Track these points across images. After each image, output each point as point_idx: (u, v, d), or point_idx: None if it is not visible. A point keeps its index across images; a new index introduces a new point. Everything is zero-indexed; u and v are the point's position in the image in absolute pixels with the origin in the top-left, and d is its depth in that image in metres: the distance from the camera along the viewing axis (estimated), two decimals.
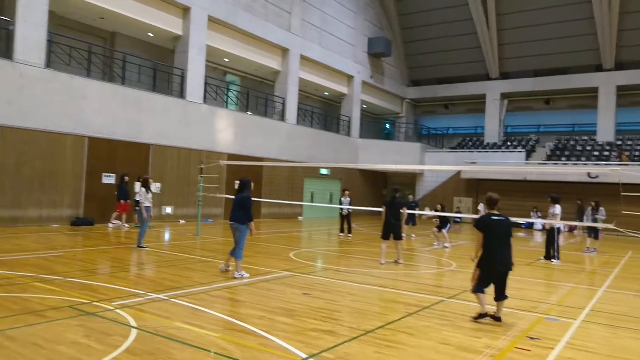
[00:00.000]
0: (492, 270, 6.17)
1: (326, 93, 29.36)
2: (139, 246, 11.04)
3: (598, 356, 5.08)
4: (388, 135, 36.15)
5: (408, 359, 4.70)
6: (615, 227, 9.19)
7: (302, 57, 24.87)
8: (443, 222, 14.78)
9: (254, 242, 14.13)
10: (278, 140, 23.11)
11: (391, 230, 10.77)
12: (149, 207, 11.17)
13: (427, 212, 17.25)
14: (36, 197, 14.44)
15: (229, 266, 8.80)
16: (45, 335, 4.80)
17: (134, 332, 5.01)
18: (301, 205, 24.23)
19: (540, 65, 30.74)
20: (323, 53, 26.33)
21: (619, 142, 28.21)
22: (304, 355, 4.62)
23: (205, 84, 20.07)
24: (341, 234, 16.83)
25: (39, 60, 14.46)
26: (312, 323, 5.73)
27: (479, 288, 6.23)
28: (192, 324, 5.41)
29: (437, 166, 29.50)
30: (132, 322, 5.34)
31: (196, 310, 6.07)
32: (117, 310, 5.78)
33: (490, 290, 6.24)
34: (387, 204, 10.90)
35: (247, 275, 8.35)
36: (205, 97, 20.03)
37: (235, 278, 8.17)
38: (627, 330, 6.23)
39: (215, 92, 21.33)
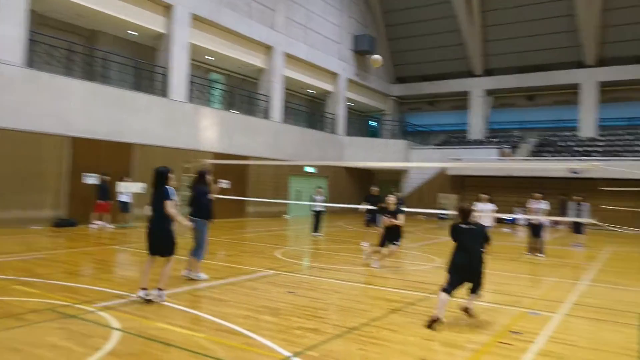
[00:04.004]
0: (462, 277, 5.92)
1: (311, 91, 29.32)
2: None
3: (579, 349, 5.16)
4: (374, 133, 36.24)
5: (392, 356, 4.72)
6: (596, 222, 9.32)
7: (287, 55, 24.80)
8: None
9: (240, 241, 14.09)
10: (263, 139, 23.03)
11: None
12: None
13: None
14: (17, 198, 14.20)
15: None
16: (25, 338, 4.73)
17: (116, 334, 4.96)
18: (287, 204, 24.17)
19: (524, 62, 31.05)
20: (308, 51, 26.28)
21: (601, 137, 28.65)
22: (288, 354, 4.61)
23: (190, 82, 19.91)
24: (314, 233, 15.73)
25: (19, 59, 14.22)
26: (297, 321, 5.72)
27: (448, 287, 5.81)
28: (176, 325, 5.37)
29: (422, 164, 29.67)
30: (115, 324, 5.28)
31: (180, 310, 6.03)
32: (99, 312, 5.71)
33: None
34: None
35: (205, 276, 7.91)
36: (189, 96, 19.88)
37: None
38: (608, 323, 6.33)
39: (199, 90, 21.17)
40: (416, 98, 35.84)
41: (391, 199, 10.09)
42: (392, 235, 9.94)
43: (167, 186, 6.35)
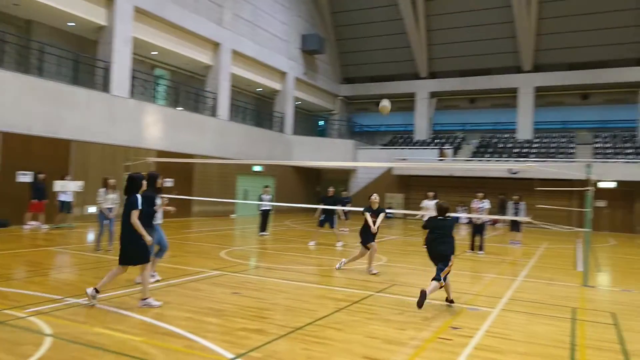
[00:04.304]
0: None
1: (259, 89, 29.09)
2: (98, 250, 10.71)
3: (515, 342, 5.38)
4: (322, 132, 36.42)
5: (336, 354, 4.74)
6: (531, 220, 9.77)
7: (234, 52, 24.49)
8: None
9: (184, 241, 13.77)
10: (210, 137, 22.61)
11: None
12: (111, 208, 10.78)
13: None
14: None
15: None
16: None
17: (48, 340, 4.71)
18: (234, 203, 23.86)
19: (466, 66, 32.13)
20: (256, 48, 26.06)
21: (537, 139, 30.09)
22: (231, 356, 4.54)
23: (133, 77, 19.26)
24: (261, 233, 15.54)
25: None
26: (241, 322, 5.65)
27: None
28: (113, 329, 5.17)
29: (369, 163, 30.08)
30: (47, 330, 5.01)
31: (118, 314, 5.80)
32: (31, 318, 5.41)
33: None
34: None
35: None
36: (132, 92, 19.22)
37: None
38: (540, 316, 6.64)
39: (143, 86, 20.52)
40: (364, 98, 36.31)
41: (375, 198, 9.91)
42: (370, 233, 9.74)
43: (137, 194, 6.21)
